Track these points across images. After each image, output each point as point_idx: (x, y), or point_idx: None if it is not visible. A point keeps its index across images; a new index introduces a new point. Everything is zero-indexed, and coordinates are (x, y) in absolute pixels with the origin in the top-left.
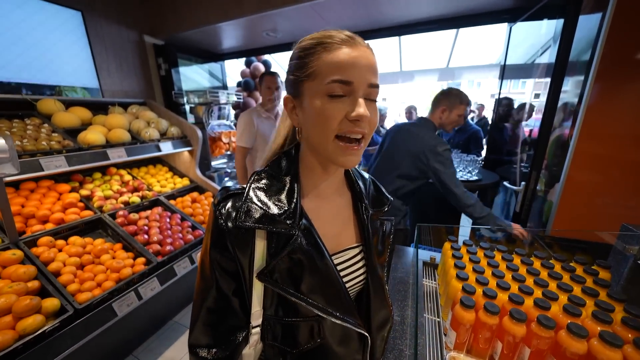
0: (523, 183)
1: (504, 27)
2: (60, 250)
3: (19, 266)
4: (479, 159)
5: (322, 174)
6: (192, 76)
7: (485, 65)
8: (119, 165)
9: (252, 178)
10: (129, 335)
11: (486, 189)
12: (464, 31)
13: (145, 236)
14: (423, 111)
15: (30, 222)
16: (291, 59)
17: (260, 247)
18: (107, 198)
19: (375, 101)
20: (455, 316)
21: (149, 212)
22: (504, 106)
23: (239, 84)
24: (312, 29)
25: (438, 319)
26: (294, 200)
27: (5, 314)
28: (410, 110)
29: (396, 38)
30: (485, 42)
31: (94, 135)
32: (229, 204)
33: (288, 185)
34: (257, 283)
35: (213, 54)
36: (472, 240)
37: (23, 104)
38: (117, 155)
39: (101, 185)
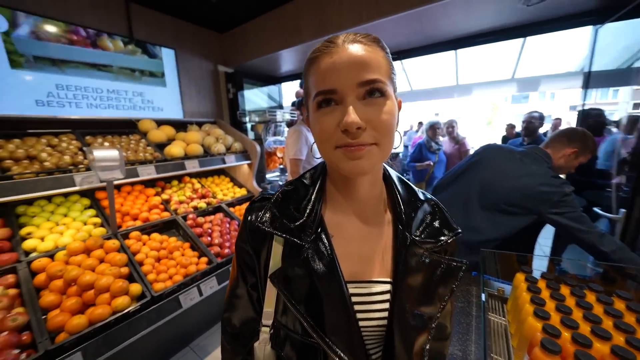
0: (622, 210)
1: (584, 30)
2: (144, 244)
3: (116, 253)
4: None
5: (344, 187)
6: (253, 98)
7: (561, 74)
8: (191, 175)
9: (284, 186)
10: (188, 327)
11: None
12: (533, 38)
13: (209, 238)
14: (468, 127)
15: (125, 218)
16: None
17: (277, 250)
18: (181, 202)
19: (382, 97)
20: None
21: (212, 217)
22: (593, 118)
23: (292, 104)
24: None
25: None
26: (310, 211)
27: (105, 292)
28: (452, 125)
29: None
30: (560, 49)
31: (176, 149)
32: (259, 205)
33: (310, 196)
34: (272, 286)
35: (272, 78)
36: (551, 275)
37: (129, 123)
38: (192, 166)
39: (177, 192)
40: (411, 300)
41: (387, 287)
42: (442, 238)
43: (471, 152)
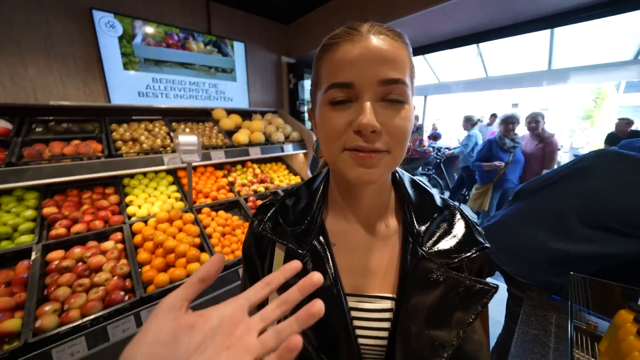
0: None
1: None
2: (212, 220)
3: (191, 225)
4: None
5: (347, 194)
6: None
7: None
8: (253, 161)
9: (290, 190)
10: None
11: None
12: None
13: None
14: (557, 122)
15: (198, 195)
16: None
17: (279, 256)
18: (243, 185)
19: (402, 102)
20: None
21: None
22: None
23: None
24: (438, 33)
25: None
26: (311, 219)
27: (182, 257)
28: (537, 120)
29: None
30: None
31: (242, 136)
32: (264, 210)
33: (311, 202)
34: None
35: None
36: None
37: (204, 112)
38: (254, 153)
39: (240, 175)
40: (417, 321)
41: (390, 304)
42: (463, 254)
43: (562, 152)
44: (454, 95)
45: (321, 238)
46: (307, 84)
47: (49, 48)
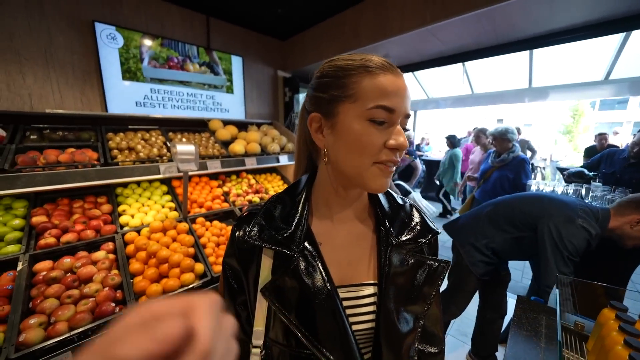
0: None
1: None
2: (207, 230)
3: (186, 235)
4: None
5: (341, 197)
6: None
7: None
8: (248, 171)
9: (271, 198)
10: None
11: None
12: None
13: None
14: (540, 135)
15: (192, 205)
16: (323, 77)
17: (267, 263)
18: (238, 195)
19: (407, 130)
20: None
21: None
22: None
23: None
24: (426, 52)
25: None
26: (299, 222)
27: (176, 267)
28: (478, 135)
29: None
30: None
31: (238, 147)
32: (246, 220)
33: (296, 207)
34: (263, 301)
35: None
36: None
37: (201, 122)
38: (250, 163)
39: (235, 185)
40: (396, 300)
41: (373, 289)
42: (424, 239)
43: (544, 164)
44: (442, 111)
45: (309, 239)
46: (302, 97)
47: (48, 57)
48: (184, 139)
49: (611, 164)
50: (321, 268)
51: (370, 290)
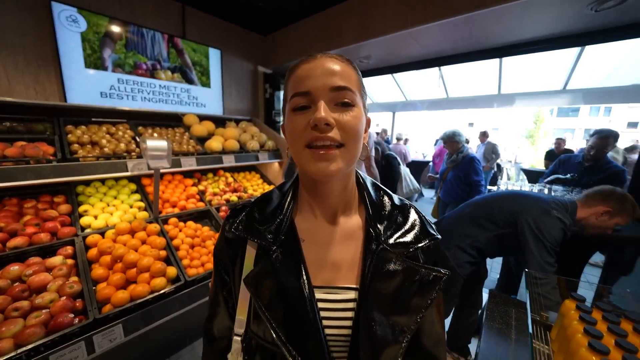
0: None
1: None
2: (180, 231)
3: (157, 237)
4: None
5: (314, 192)
6: None
7: (625, 87)
8: (226, 169)
9: (266, 192)
10: None
11: (626, 243)
12: (592, 47)
13: None
14: (506, 139)
15: (165, 205)
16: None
17: (251, 254)
18: (215, 194)
19: (351, 105)
20: None
21: None
22: None
23: None
24: (406, 55)
25: None
26: (281, 217)
27: (145, 272)
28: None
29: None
30: (625, 58)
31: (215, 143)
32: (237, 213)
33: (282, 202)
34: (246, 291)
35: None
36: (609, 305)
37: (175, 117)
38: (228, 161)
39: (212, 184)
40: (379, 308)
41: (354, 294)
42: (418, 244)
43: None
44: (419, 113)
45: (291, 234)
46: (282, 94)
47: None
48: (155, 134)
49: (568, 168)
50: (298, 264)
51: (351, 295)
